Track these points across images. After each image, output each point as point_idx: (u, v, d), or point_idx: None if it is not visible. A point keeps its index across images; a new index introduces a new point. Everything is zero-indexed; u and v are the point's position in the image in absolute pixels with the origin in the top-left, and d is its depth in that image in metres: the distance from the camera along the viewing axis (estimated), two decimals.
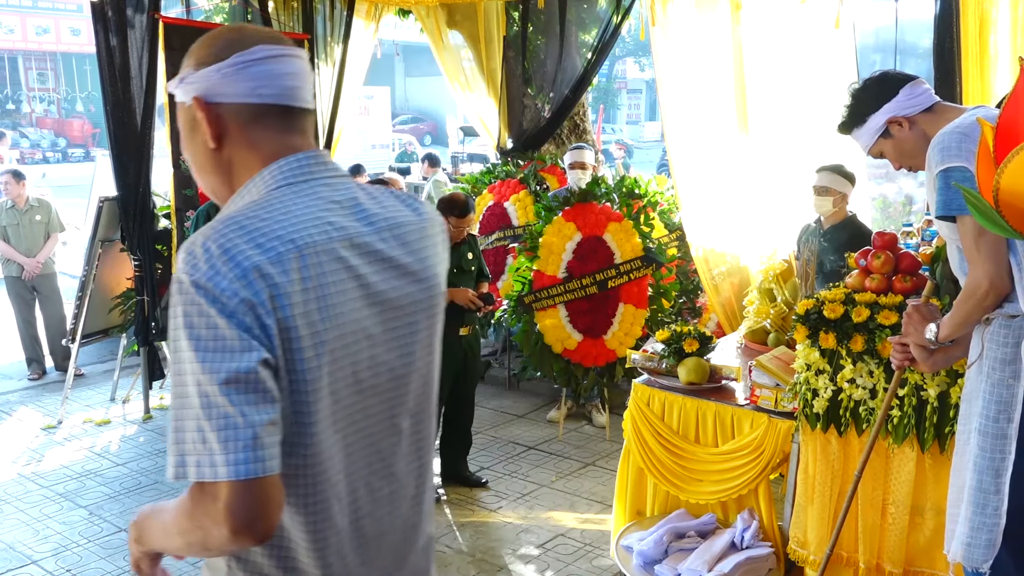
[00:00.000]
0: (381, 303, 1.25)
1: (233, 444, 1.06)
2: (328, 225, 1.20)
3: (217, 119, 1.25)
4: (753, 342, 4.14)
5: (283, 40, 1.29)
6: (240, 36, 1.26)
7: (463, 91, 7.31)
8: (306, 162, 1.26)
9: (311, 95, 1.32)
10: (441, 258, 1.39)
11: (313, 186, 1.24)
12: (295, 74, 1.27)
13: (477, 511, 4.52)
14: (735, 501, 3.50)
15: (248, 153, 1.26)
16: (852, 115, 2.54)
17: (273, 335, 1.11)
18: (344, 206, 1.25)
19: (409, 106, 32.70)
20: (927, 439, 2.95)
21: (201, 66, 1.25)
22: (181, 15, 6.38)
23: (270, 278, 1.11)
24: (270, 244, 1.13)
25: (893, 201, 9.96)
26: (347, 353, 1.19)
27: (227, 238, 1.12)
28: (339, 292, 1.18)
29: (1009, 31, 4.00)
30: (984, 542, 2.19)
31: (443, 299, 1.40)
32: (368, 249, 1.24)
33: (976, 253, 2.18)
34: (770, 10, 4.87)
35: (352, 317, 1.20)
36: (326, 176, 1.27)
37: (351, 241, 1.22)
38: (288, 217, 1.18)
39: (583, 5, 7.10)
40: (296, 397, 1.14)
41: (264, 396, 1.09)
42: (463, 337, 4.63)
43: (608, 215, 5.23)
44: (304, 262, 1.15)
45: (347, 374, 1.20)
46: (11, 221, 6.57)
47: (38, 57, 29.40)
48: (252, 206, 1.19)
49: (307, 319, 1.14)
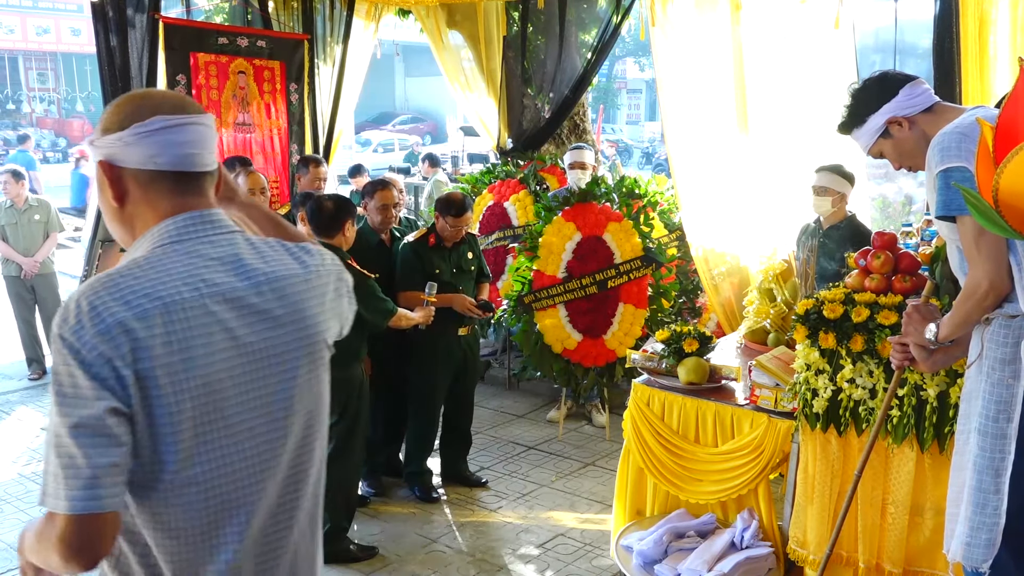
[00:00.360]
0: (252, 353, 1.37)
1: (74, 482, 1.21)
2: (202, 282, 1.33)
3: (119, 181, 1.39)
4: (753, 342, 4.14)
5: (186, 108, 1.40)
6: (141, 105, 1.38)
7: (463, 91, 7.31)
8: (191, 222, 1.38)
9: (211, 158, 1.43)
10: (328, 307, 1.50)
11: (195, 244, 1.37)
12: (192, 142, 1.39)
13: (477, 511, 4.52)
14: (735, 501, 3.50)
15: (147, 211, 1.40)
16: (852, 115, 2.54)
17: (129, 385, 1.24)
18: (224, 262, 1.38)
19: (409, 106, 32.69)
20: (927, 439, 2.95)
21: (106, 133, 1.38)
22: (181, 15, 6.38)
23: (133, 333, 1.25)
24: (138, 301, 1.27)
25: (893, 201, 9.97)
26: (214, 399, 1.32)
27: (98, 295, 1.26)
28: (205, 344, 1.31)
29: (1009, 31, 4.01)
30: (984, 542, 2.19)
31: (325, 345, 1.50)
32: (241, 303, 1.36)
33: (976, 253, 2.18)
34: (770, 10, 4.87)
35: (220, 367, 1.33)
36: (211, 234, 1.39)
37: (224, 296, 1.35)
38: (161, 275, 1.31)
39: (583, 5, 7.09)
40: (157, 438, 1.28)
41: (109, 440, 1.23)
42: (462, 337, 4.63)
43: (608, 215, 5.23)
44: (170, 317, 1.28)
45: (215, 418, 1.33)
46: (10, 220, 6.57)
47: (38, 57, 29.38)
48: (132, 263, 1.33)
49: (169, 369, 1.27)
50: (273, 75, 6.04)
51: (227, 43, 5.73)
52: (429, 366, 4.56)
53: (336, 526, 3.97)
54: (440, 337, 4.50)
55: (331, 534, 3.96)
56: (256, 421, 1.38)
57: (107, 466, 1.22)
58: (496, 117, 7.14)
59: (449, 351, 4.60)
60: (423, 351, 4.51)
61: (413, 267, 4.45)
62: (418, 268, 4.44)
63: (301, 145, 6.27)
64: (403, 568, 3.94)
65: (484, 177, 6.77)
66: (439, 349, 4.54)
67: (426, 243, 4.50)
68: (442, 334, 4.50)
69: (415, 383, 4.63)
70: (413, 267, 4.45)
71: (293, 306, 1.43)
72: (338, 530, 3.98)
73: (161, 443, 1.29)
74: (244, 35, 5.90)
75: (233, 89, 5.79)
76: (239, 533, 1.38)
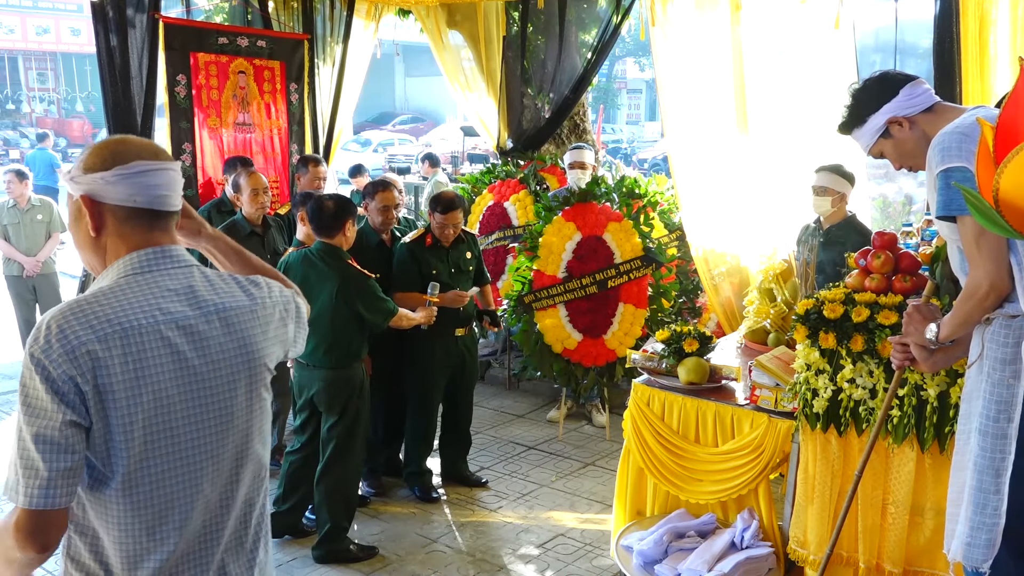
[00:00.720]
0: (199, 373, 1.57)
1: (33, 482, 1.43)
2: (158, 310, 1.54)
3: (99, 214, 1.58)
4: (753, 342, 4.14)
5: (159, 156, 1.61)
6: (123, 150, 1.58)
7: (463, 91, 7.31)
8: (153, 256, 1.59)
9: (178, 200, 1.65)
10: (271, 334, 1.70)
11: (155, 276, 1.58)
12: (165, 184, 1.60)
13: (477, 511, 4.52)
14: (735, 501, 3.50)
15: (119, 242, 1.59)
16: (852, 115, 2.53)
17: (89, 399, 1.45)
18: (179, 293, 1.58)
19: (409, 106, 32.69)
20: (927, 439, 2.95)
21: (89, 171, 1.56)
22: (181, 15, 6.38)
23: (94, 353, 1.45)
24: (100, 326, 1.48)
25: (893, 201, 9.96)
26: (163, 413, 1.53)
27: (66, 319, 1.47)
28: (157, 364, 1.52)
29: (1009, 31, 4.00)
30: (984, 542, 2.19)
31: (266, 368, 1.70)
32: (191, 330, 1.57)
33: (976, 253, 2.18)
34: (770, 10, 4.87)
35: (169, 385, 1.53)
36: (169, 268, 1.60)
37: (176, 323, 1.55)
38: (122, 303, 1.52)
39: (583, 5, 7.10)
40: (112, 443, 1.49)
41: (65, 448, 1.44)
42: (459, 338, 4.62)
43: (608, 215, 5.23)
44: (127, 340, 1.49)
45: (163, 429, 1.53)
46: (12, 220, 6.57)
47: (38, 57, 29.39)
48: (99, 291, 1.54)
49: (124, 385, 1.48)
50: (273, 75, 6.04)
51: (227, 43, 5.73)
52: (426, 366, 4.56)
53: (336, 526, 3.97)
54: (438, 337, 4.50)
55: (331, 534, 3.96)
56: (199, 433, 1.58)
57: (62, 470, 1.44)
58: (496, 117, 7.14)
59: (447, 351, 4.59)
60: (420, 351, 4.51)
61: (408, 268, 4.44)
62: (413, 269, 4.43)
63: (301, 145, 6.27)
64: (403, 568, 3.94)
65: (484, 177, 6.77)
66: (436, 349, 4.54)
67: (423, 243, 4.50)
68: (440, 335, 4.50)
69: (413, 383, 4.63)
70: (408, 268, 4.44)
71: (238, 333, 1.64)
72: (338, 530, 3.98)
73: (114, 448, 1.49)
74: (244, 35, 5.90)
75: (233, 89, 5.79)
76: (179, 530, 1.57)
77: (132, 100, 5.15)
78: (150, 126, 5.25)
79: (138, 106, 5.17)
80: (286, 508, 4.14)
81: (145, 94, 5.19)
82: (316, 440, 4.07)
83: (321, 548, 3.98)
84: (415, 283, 4.37)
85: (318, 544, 3.99)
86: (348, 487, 4.04)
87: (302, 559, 4.00)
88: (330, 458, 3.98)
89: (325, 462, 3.99)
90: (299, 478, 4.11)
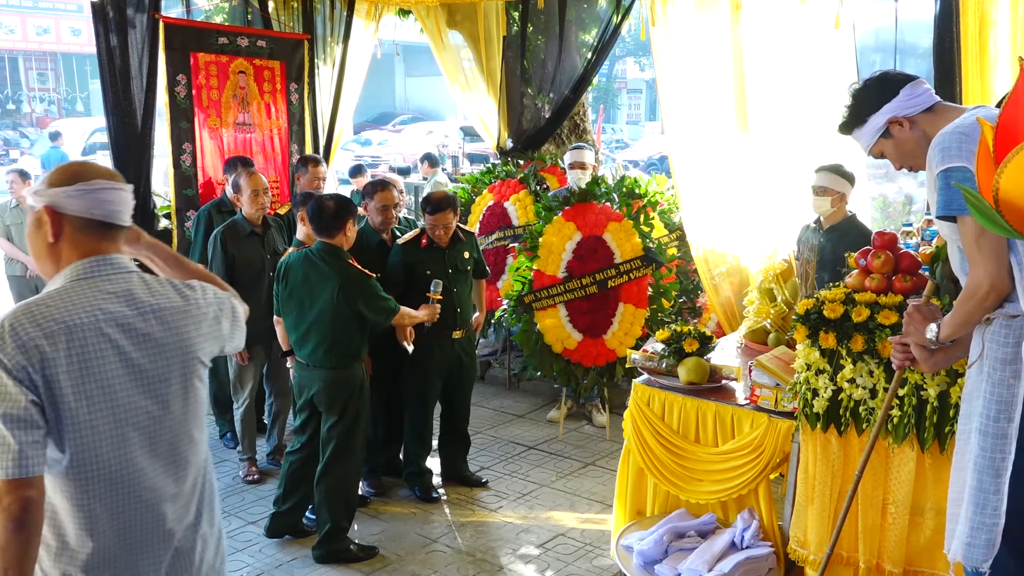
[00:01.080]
0: (137, 366, 1.82)
1: (6, 456, 1.66)
2: (99, 311, 1.79)
3: (58, 223, 1.83)
4: (753, 342, 4.14)
5: (115, 178, 1.88)
6: (84, 171, 1.86)
7: (463, 91, 7.31)
8: (98, 263, 1.84)
9: (127, 217, 1.90)
10: (204, 331, 1.96)
11: (98, 281, 1.82)
12: (118, 202, 1.87)
13: (477, 511, 4.52)
14: (735, 501, 3.50)
15: (71, 249, 1.84)
16: (852, 115, 2.53)
17: (39, 387, 1.70)
18: (118, 296, 1.83)
19: (409, 106, 32.67)
20: (927, 439, 2.95)
21: (53, 186, 1.82)
22: (181, 15, 6.38)
23: (42, 348, 1.70)
24: (47, 324, 1.73)
25: (893, 201, 9.96)
26: (106, 399, 1.78)
27: (18, 319, 1.72)
28: (99, 358, 1.77)
29: (1009, 31, 4.00)
30: (984, 542, 2.19)
31: (199, 362, 1.94)
32: (130, 327, 1.82)
33: (977, 253, 2.18)
34: (770, 10, 4.86)
35: (110, 376, 1.78)
36: (111, 274, 1.85)
37: (116, 322, 1.80)
38: (68, 304, 1.77)
39: (583, 5, 7.10)
40: (60, 426, 1.73)
41: (30, 424, 1.68)
42: (456, 340, 4.61)
43: (608, 215, 5.23)
44: (71, 337, 1.74)
45: (107, 414, 1.78)
46: (15, 220, 6.57)
47: (38, 57, 29.36)
48: (48, 294, 1.80)
49: (70, 376, 1.73)
50: (273, 75, 6.04)
51: (227, 43, 5.73)
52: (422, 366, 4.55)
53: (336, 526, 3.97)
54: (434, 339, 4.49)
55: (331, 534, 3.96)
56: (139, 416, 1.83)
57: (30, 442, 1.68)
58: (496, 117, 7.14)
59: (443, 352, 4.58)
60: (417, 352, 4.50)
61: (395, 271, 4.43)
62: (400, 272, 4.42)
63: (301, 145, 6.27)
64: (403, 568, 3.94)
65: (484, 177, 6.77)
66: (432, 350, 4.53)
67: (418, 245, 4.48)
68: (437, 336, 4.49)
69: (409, 383, 4.63)
70: (395, 271, 4.43)
71: (173, 330, 1.89)
72: (338, 530, 3.98)
73: (64, 432, 1.73)
74: (244, 35, 5.90)
75: (233, 89, 5.79)
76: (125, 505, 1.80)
77: (132, 100, 5.15)
78: (150, 126, 5.24)
79: (138, 106, 5.17)
80: (286, 508, 4.14)
81: (145, 94, 5.19)
82: (316, 440, 4.07)
83: (321, 548, 3.98)
84: (403, 286, 4.34)
85: (318, 544, 3.99)
86: (348, 487, 4.04)
87: (302, 559, 4.00)
88: (330, 458, 3.98)
89: (325, 462, 3.99)
90: (299, 478, 4.11)
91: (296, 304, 3.96)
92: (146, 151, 5.25)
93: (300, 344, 3.98)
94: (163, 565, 1.88)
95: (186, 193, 5.54)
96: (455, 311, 4.53)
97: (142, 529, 1.84)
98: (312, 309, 3.91)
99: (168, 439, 1.88)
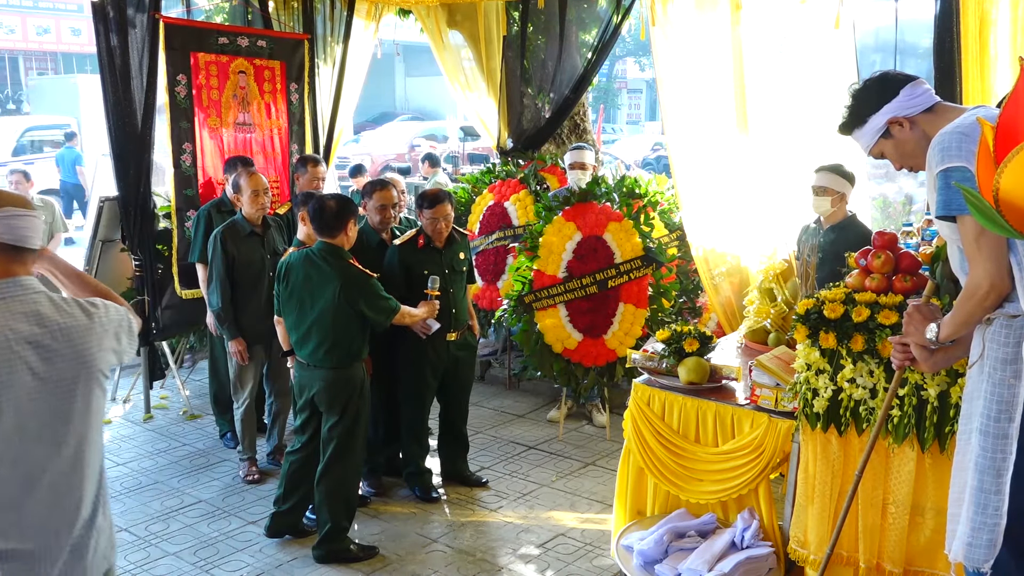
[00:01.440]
0: (43, 379, 1.98)
1: None
2: (9, 330, 1.94)
3: None
4: (753, 342, 4.14)
5: (28, 206, 2.06)
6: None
7: (463, 91, 7.31)
8: (8, 286, 1.99)
9: (38, 241, 2.06)
10: (105, 345, 2.12)
11: (7, 302, 1.97)
12: (29, 227, 2.03)
13: (477, 511, 4.52)
14: (735, 501, 3.50)
15: None
16: (852, 115, 2.53)
17: None
18: (28, 316, 1.98)
19: (409, 106, 32.66)
20: (927, 439, 2.95)
21: None
22: (181, 15, 6.38)
23: None
24: None
25: (893, 201, 9.95)
26: (15, 409, 1.93)
27: None
28: (9, 373, 1.92)
29: (1009, 31, 4.00)
30: (985, 542, 2.19)
31: (100, 372, 2.11)
32: (38, 344, 1.97)
33: (977, 253, 2.18)
34: (770, 10, 4.87)
35: (19, 389, 1.93)
36: (20, 295, 1.99)
37: (25, 339, 1.95)
38: None
39: (583, 5, 7.09)
40: None
41: None
42: (451, 342, 4.60)
43: (608, 215, 5.23)
44: None
45: (15, 422, 1.94)
46: None
47: (38, 57, 29.36)
48: None
49: None
50: (273, 75, 6.04)
51: (227, 43, 5.72)
52: (417, 367, 4.55)
53: (336, 526, 3.97)
54: (429, 340, 4.48)
55: (331, 534, 3.96)
56: (44, 426, 1.99)
57: None
58: (496, 117, 7.14)
59: (437, 354, 4.57)
60: (412, 353, 4.50)
61: (393, 271, 4.42)
62: (398, 272, 4.41)
63: (301, 145, 6.27)
64: (403, 568, 3.94)
65: (484, 177, 6.77)
66: (426, 350, 4.52)
67: (415, 245, 4.48)
68: (432, 337, 4.48)
69: (404, 383, 4.62)
70: (393, 271, 4.42)
71: (77, 347, 2.04)
72: (339, 530, 3.98)
73: None
74: (244, 35, 5.89)
75: (233, 89, 5.79)
76: (30, 502, 1.97)
77: (132, 100, 5.15)
78: (150, 126, 5.24)
79: (138, 106, 5.17)
80: (286, 508, 4.14)
81: (145, 94, 5.18)
82: (316, 440, 4.07)
83: (321, 548, 3.98)
84: (398, 287, 4.33)
85: (318, 544, 3.99)
86: (348, 487, 4.04)
87: (302, 559, 4.00)
88: (330, 458, 3.98)
89: (325, 462, 3.99)
90: (299, 478, 4.11)
91: (297, 304, 3.96)
92: (146, 151, 5.25)
93: (301, 344, 3.98)
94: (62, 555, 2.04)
95: (186, 193, 5.54)
96: (450, 312, 4.51)
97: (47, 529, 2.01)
98: (313, 309, 3.91)
99: (74, 445, 2.06)
